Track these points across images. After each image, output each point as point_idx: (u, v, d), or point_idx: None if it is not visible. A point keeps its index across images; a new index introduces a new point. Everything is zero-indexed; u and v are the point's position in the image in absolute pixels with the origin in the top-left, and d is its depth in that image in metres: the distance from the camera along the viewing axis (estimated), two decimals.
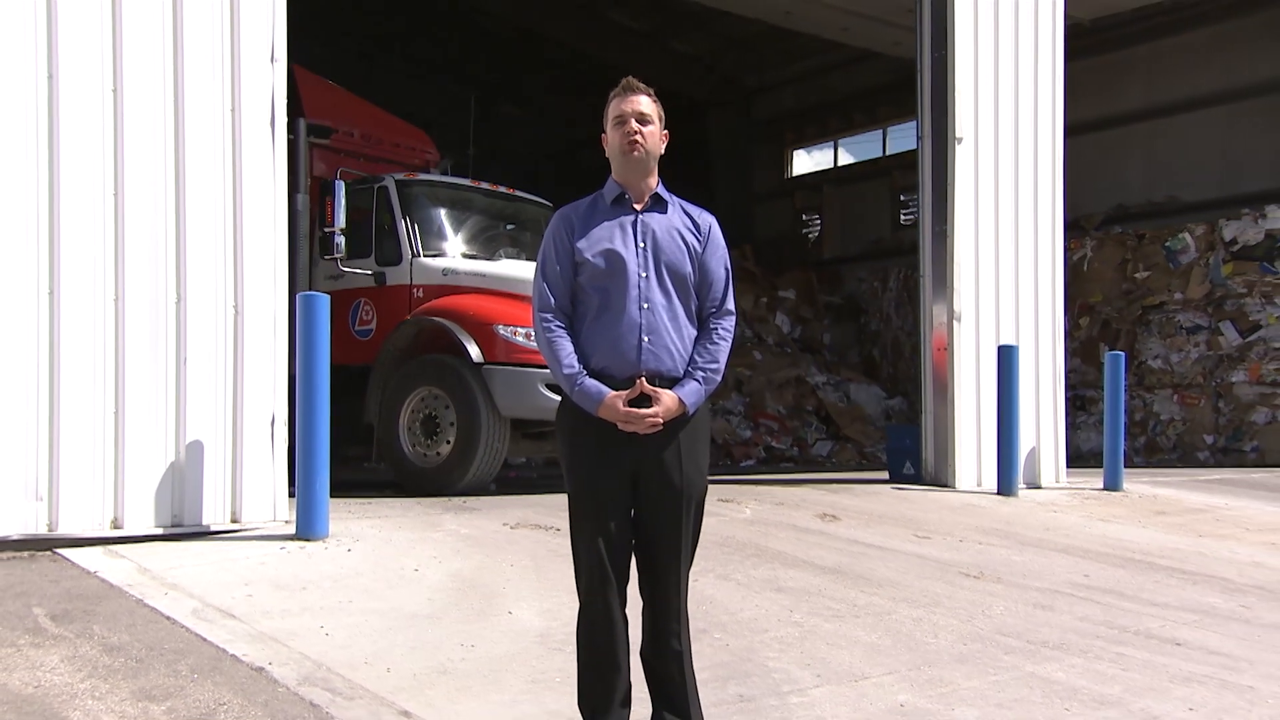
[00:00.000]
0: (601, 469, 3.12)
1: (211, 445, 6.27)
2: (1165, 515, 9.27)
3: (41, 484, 5.82)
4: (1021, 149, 10.62)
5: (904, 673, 4.49)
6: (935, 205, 10.32)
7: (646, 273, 3.15)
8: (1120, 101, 17.45)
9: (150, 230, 6.14)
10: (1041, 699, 4.25)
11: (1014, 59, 10.57)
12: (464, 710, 3.77)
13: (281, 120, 6.62)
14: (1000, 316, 10.39)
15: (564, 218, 3.27)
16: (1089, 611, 5.74)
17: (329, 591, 5.16)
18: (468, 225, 9.69)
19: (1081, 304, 16.93)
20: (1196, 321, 15.46)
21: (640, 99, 3.24)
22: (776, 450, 16.75)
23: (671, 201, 3.30)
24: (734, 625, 5.00)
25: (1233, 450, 14.99)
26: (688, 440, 3.15)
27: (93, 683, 3.86)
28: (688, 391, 3.12)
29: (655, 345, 3.12)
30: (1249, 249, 14.77)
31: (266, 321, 6.47)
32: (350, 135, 10.77)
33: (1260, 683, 4.66)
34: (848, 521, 7.85)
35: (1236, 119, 15.95)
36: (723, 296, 3.28)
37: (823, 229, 23.74)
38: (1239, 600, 6.26)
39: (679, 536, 3.16)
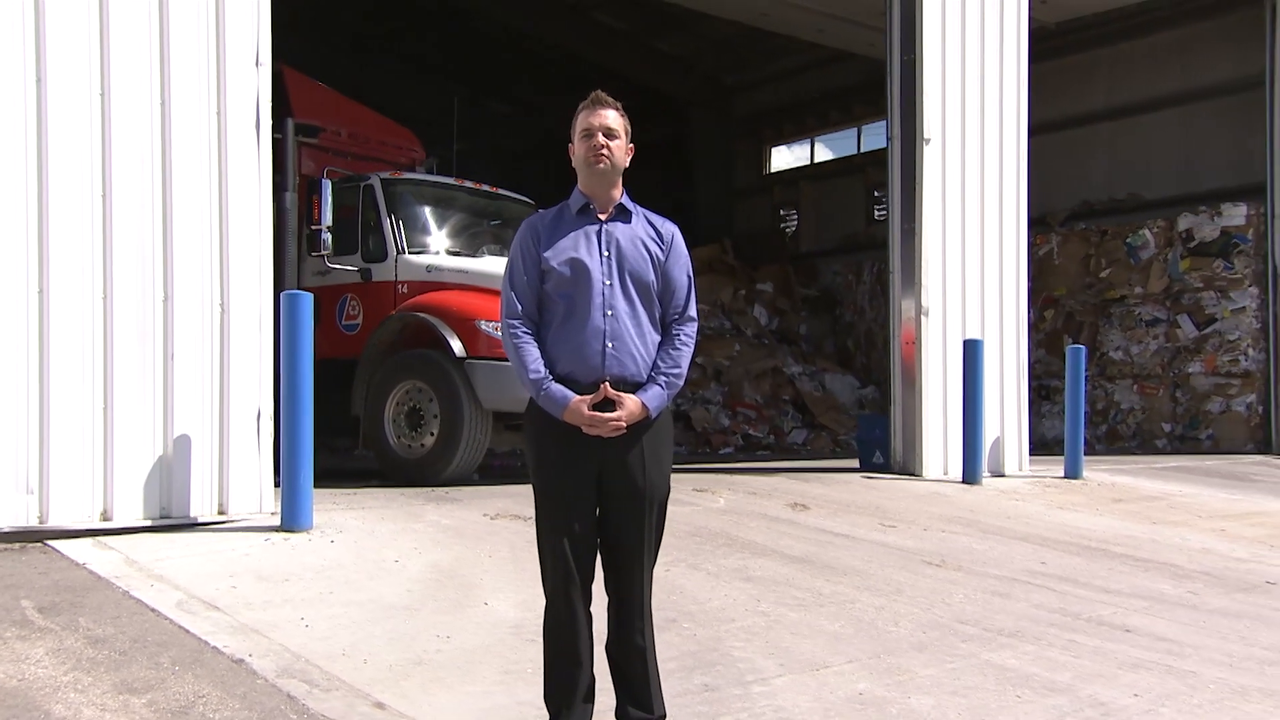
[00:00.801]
0: (567, 471, 3.11)
1: (199, 439, 6.23)
2: (1122, 503, 9.32)
3: (32, 477, 5.77)
4: (987, 149, 10.62)
5: (864, 661, 4.50)
6: (904, 204, 10.33)
7: (610, 281, 3.14)
8: (1084, 102, 17.49)
9: (138, 231, 6.09)
10: (995, 686, 4.27)
11: (980, 63, 10.56)
12: (437, 702, 3.76)
13: (266, 123, 6.55)
14: (966, 311, 10.40)
15: (531, 227, 3.24)
16: (1044, 599, 5.76)
17: (311, 583, 5.13)
18: (451, 223, 9.64)
19: (1046, 297, 16.99)
20: (1155, 315, 15.52)
21: (607, 113, 3.21)
22: (754, 438, 16.76)
23: (635, 211, 3.28)
24: (702, 615, 5.00)
25: (1189, 438, 15.07)
26: (651, 443, 3.15)
27: (76, 675, 3.83)
28: (650, 396, 3.11)
29: (619, 351, 3.11)
30: (1205, 245, 14.83)
31: (252, 319, 6.42)
32: (338, 134, 10.70)
33: (1203, 668, 4.69)
34: (817, 511, 7.86)
35: (1194, 120, 16.00)
36: (685, 303, 3.26)
37: (799, 224, 23.77)
38: (1187, 586, 6.30)
39: (642, 536, 3.15)
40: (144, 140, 6.13)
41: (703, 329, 19.44)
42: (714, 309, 20.13)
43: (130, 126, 6.08)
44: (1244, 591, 6.26)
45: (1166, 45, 16.57)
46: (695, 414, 17.16)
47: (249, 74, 6.50)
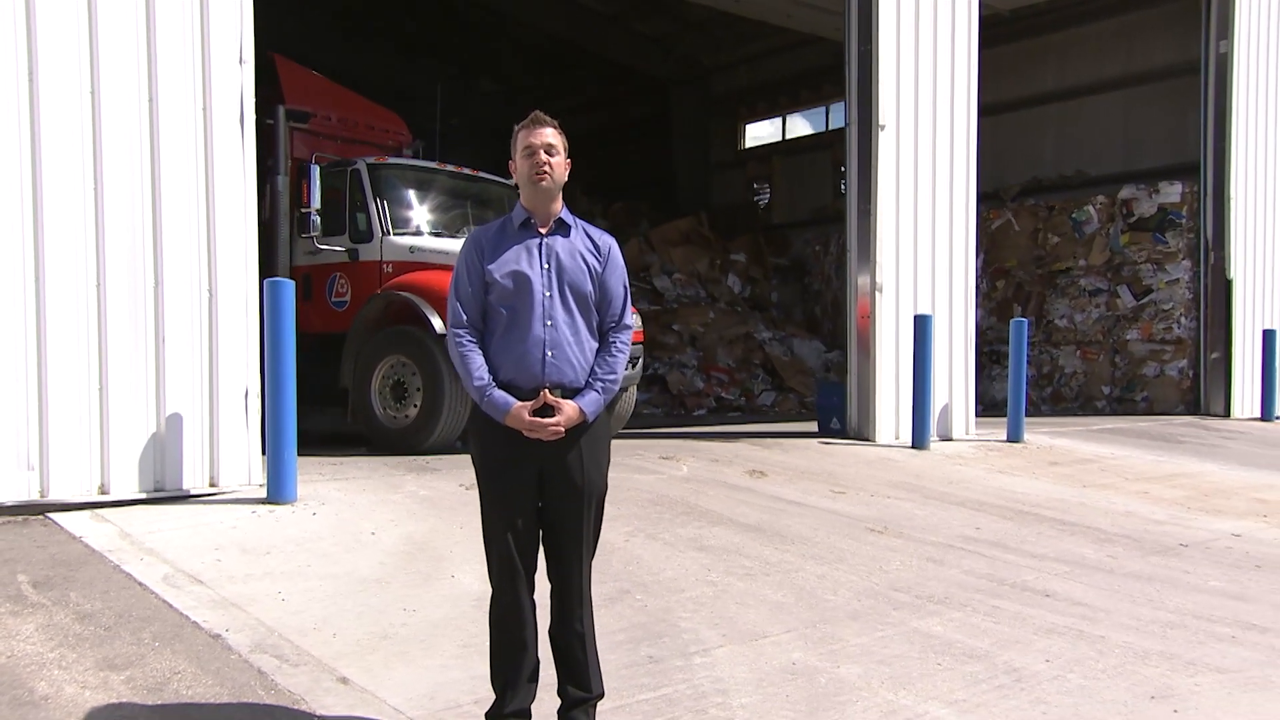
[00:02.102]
0: (510, 472, 3.09)
1: (190, 417, 6.21)
2: (1057, 466, 9.36)
3: (33, 454, 5.76)
4: (939, 135, 10.55)
5: (801, 630, 4.52)
6: (861, 186, 10.27)
7: (550, 292, 3.11)
8: (1036, 84, 17.45)
9: (129, 221, 6.02)
10: (919, 654, 4.29)
11: (933, 53, 10.46)
12: (398, 676, 3.77)
13: (250, 117, 6.45)
14: (918, 288, 10.39)
15: (475, 241, 3.20)
16: (975, 565, 5.79)
17: (291, 555, 5.13)
18: (434, 205, 9.54)
19: (998, 268, 17.00)
20: (1097, 285, 15.52)
21: (546, 131, 3.17)
22: (725, 400, 16.76)
23: (575, 225, 3.24)
24: (655, 585, 5.01)
25: (1126, 400, 15.15)
26: (589, 444, 3.13)
27: (61, 652, 3.83)
28: (587, 401, 3.10)
29: (558, 359, 3.08)
30: (1144, 221, 14.80)
31: (239, 303, 6.38)
32: (328, 119, 10.55)
33: (1112, 632, 4.72)
34: (774, 478, 7.87)
35: (1136, 102, 15.94)
36: (621, 312, 3.23)
37: (772, 196, 23.72)
38: (1107, 550, 6.33)
39: (581, 531, 3.15)
40: (133, 136, 6.05)
41: (679, 297, 19.47)
42: (690, 278, 20.09)
43: (119, 123, 6.00)
44: (1159, 554, 6.30)
45: (1112, 31, 16.47)
46: (671, 377, 17.15)
47: (233, 70, 6.39)
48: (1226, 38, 13.63)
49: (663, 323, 18.40)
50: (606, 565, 5.25)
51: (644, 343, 18.05)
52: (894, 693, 3.85)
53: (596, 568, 5.13)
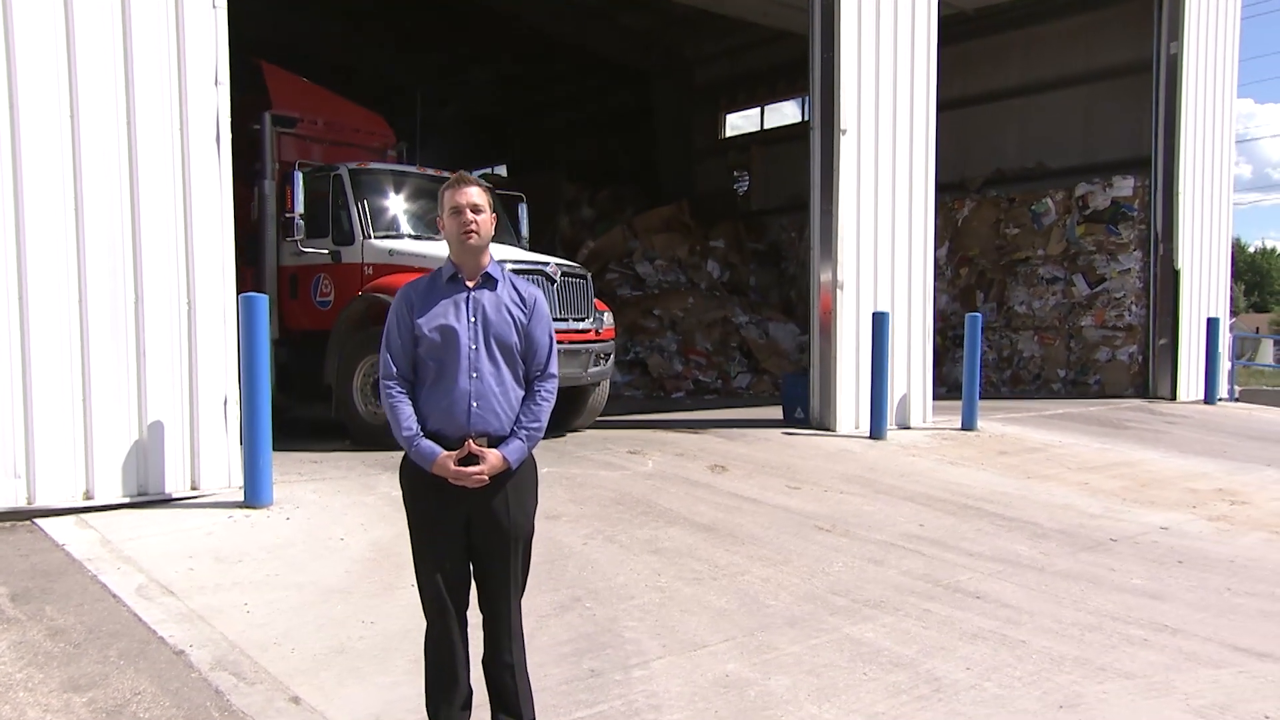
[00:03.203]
0: (438, 516, 3.09)
1: (171, 424, 6.20)
2: (1006, 455, 9.38)
3: (19, 463, 5.75)
4: (899, 139, 10.49)
5: (739, 639, 4.52)
6: (823, 188, 10.23)
7: (476, 345, 3.08)
8: (1001, 79, 17.31)
9: (109, 239, 5.98)
10: (847, 663, 4.30)
11: (893, 62, 10.38)
12: (348, 694, 3.77)
13: (226, 137, 6.38)
14: (878, 286, 10.37)
15: (405, 296, 3.18)
16: (913, 565, 5.79)
17: (261, 563, 5.13)
18: (413, 208, 9.46)
19: (962, 257, 17.00)
20: (1055, 274, 15.54)
21: (472, 190, 3.14)
22: (703, 383, 16.77)
23: (502, 279, 3.21)
24: (606, 592, 5.00)
25: (1080, 382, 15.20)
26: (514, 490, 3.12)
27: (29, 672, 3.83)
28: (511, 450, 3.08)
29: (483, 409, 3.06)
30: (1098, 213, 14.80)
31: (217, 315, 6.35)
32: (314, 123, 10.46)
33: (1033, 636, 4.73)
34: (734, 472, 7.88)
35: (1096, 98, 15.82)
36: (546, 361, 3.21)
37: (751, 184, 23.57)
38: (1041, 547, 6.34)
39: (508, 571, 3.15)
40: (112, 157, 6.00)
41: (660, 283, 19.41)
42: (671, 264, 20.02)
43: (99, 145, 5.94)
44: (1089, 550, 6.31)
45: (1072, 30, 16.33)
46: (651, 361, 17.14)
47: (209, 93, 6.32)
48: (1177, 39, 13.55)
49: (644, 308, 18.36)
50: (563, 571, 5.28)
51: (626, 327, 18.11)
52: (818, 705, 3.86)
53: (551, 574, 5.18)
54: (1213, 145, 14.16)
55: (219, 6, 6.33)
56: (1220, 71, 14.19)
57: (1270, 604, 5.41)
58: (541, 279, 8.66)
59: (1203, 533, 6.94)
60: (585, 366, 8.92)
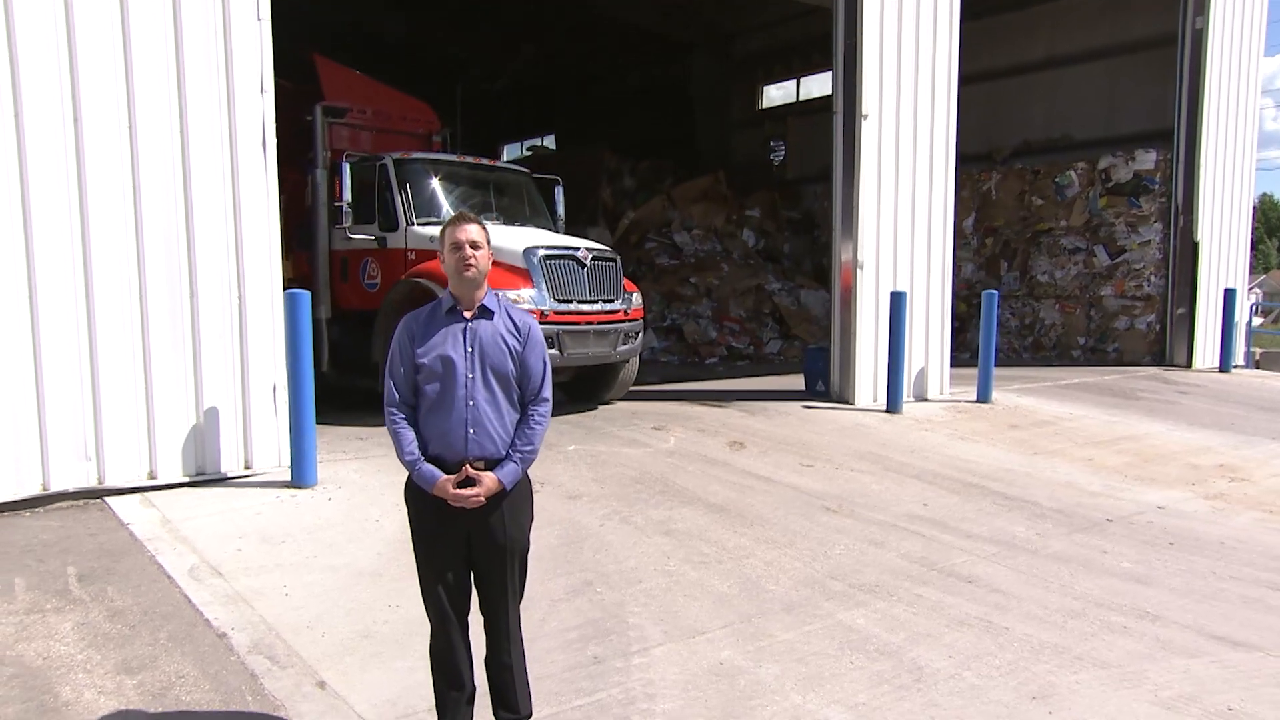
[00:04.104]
0: (439, 534, 3.17)
1: (225, 409, 6.38)
2: (1017, 429, 9.26)
3: (90, 447, 5.96)
4: (920, 124, 10.27)
5: (737, 625, 4.56)
6: (845, 171, 10.09)
7: (473, 374, 3.13)
8: (1028, 52, 16.83)
9: (165, 240, 6.12)
10: (836, 651, 4.32)
11: (914, 49, 10.13)
12: (370, 679, 3.90)
13: (271, 141, 6.46)
14: (897, 264, 10.24)
15: (407, 326, 3.23)
16: (912, 547, 5.78)
17: (301, 545, 5.28)
18: (453, 195, 9.50)
19: (988, 226, 16.66)
20: (1076, 244, 15.19)
21: (470, 228, 3.17)
22: (736, 349, 16.72)
23: (498, 309, 3.24)
24: (616, 576, 5.07)
25: (1099, 350, 14.90)
26: (510, 508, 3.18)
27: (89, 654, 4.01)
28: (506, 473, 3.14)
29: (479, 435, 3.12)
30: (1120, 186, 14.39)
31: (265, 308, 6.48)
32: (363, 112, 10.51)
33: (1017, 623, 4.71)
34: (751, 450, 7.88)
35: (1119, 72, 15.32)
36: (540, 386, 3.24)
37: (786, 154, 23.25)
38: (1038, 528, 6.28)
39: (506, 581, 3.22)
40: (167, 163, 6.11)
41: (696, 252, 19.30)
42: (708, 233, 19.88)
43: (155, 152, 6.07)
44: (1083, 531, 6.25)
45: (1099, 4, 15.79)
46: (687, 328, 17.12)
47: (255, 100, 6.39)
48: (1203, 14, 13.00)
49: (681, 276, 18.29)
50: (578, 554, 5.36)
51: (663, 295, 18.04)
52: (803, 695, 3.91)
53: (568, 557, 5.27)
54: (1235, 120, 13.63)
55: (263, 19, 6.38)
56: (1246, 46, 13.61)
57: (1253, 589, 5.33)
58: (572, 262, 8.69)
59: (1198, 512, 6.83)
60: (614, 345, 8.95)
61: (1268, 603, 5.14)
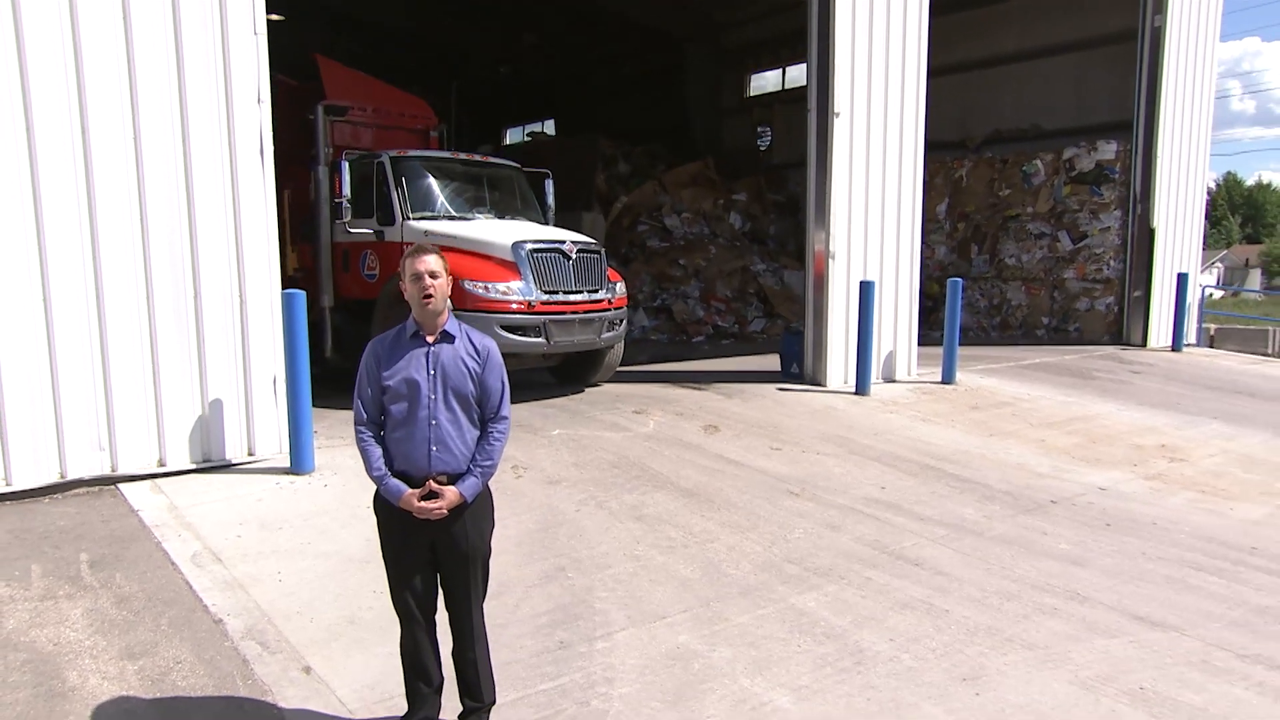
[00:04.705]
0: (405, 544, 3.24)
1: (229, 401, 6.44)
2: (977, 410, 9.32)
3: (103, 438, 6.03)
4: (889, 121, 10.23)
5: (696, 610, 4.63)
6: (819, 165, 10.07)
7: (435, 395, 3.19)
8: (1000, 45, 16.72)
9: (169, 244, 6.15)
10: (786, 635, 4.40)
11: (885, 51, 10.07)
12: (353, 664, 3.99)
13: (268, 149, 6.46)
14: (867, 255, 10.24)
15: (374, 350, 3.28)
16: (867, 531, 5.84)
17: (298, 531, 5.36)
18: (447, 191, 9.49)
19: (960, 212, 16.62)
20: (1042, 230, 15.18)
21: (429, 259, 3.21)
22: (722, 328, 16.75)
23: (459, 334, 3.29)
24: (588, 561, 5.15)
25: (1061, 329, 14.94)
26: (471, 518, 3.25)
27: (95, 640, 4.10)
28: (467, 486, 3.20)
29: (442, 452, 3.18)
30: (1083, 175, 14.37)
31: (265, 307, 6.52)
32: (364, 110, 10.47)
33: (956, 606, 4.78)
34: (725, 433, 7.94)
35: (1087, 65, 15.21)
36: (499, 405, 3.30)
37: (773, 139, 23.13)
38: (986, 510, 6.35)
39: (469, 586, 3.30)
40: (170, 171, 6.12)
41: (686, 235, 19.26)
42: (697, 216, 19.82)
43: (159, 161, 6.07)
44: (1028, 513, 6.32)
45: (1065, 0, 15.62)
46: (676, 307, 17.14)
47: (253, 110, 6.38)
48: (1161, 13, 12.88)
49: (670, 258, 18.28)
50: (554, 539, 5.44)
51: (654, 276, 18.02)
52: (751, 678, 4.00)
53: (544, 543, 5.34)
54: (1191, 113, 13.55)
55: (260, 33, 6.35)
56: (1201, 45, 13.50)
57: (1177, 570, 5.42)
58: (558, 255, 8.71)
59: (1136, 493, 6.91)
60: (599, 333, 9.00)
61: (1188, 583, 5.23)
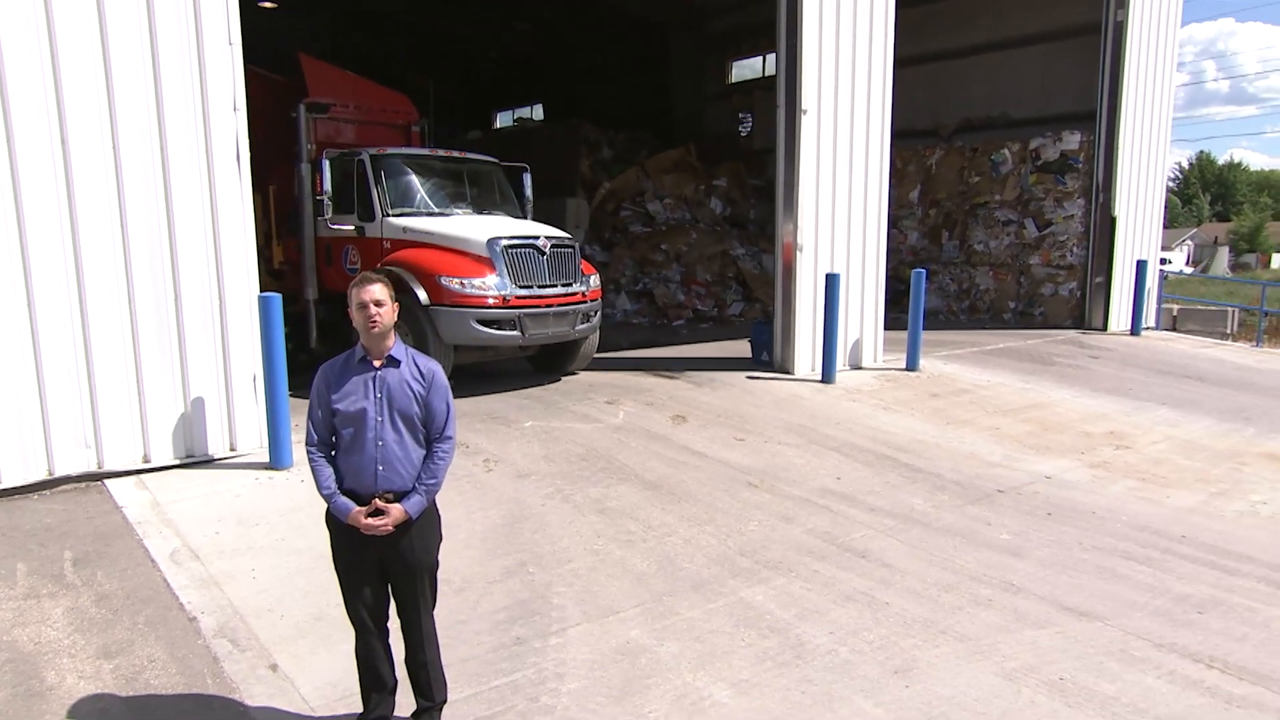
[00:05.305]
0: (355, 558, 3.32)
1: (210, 399, 6.49)
2: (937, 398, 9.40)
3: (89, 436, 6.09)
4: (856, 118, 10.22)
5: (648, 605, 4.71)
6: (787, 160, 10.07)
7: (381, 417, 3.25)
8: (971, 36, 16.62)
9: (149, 248, 6.17)
10: (732, 629, 4.48)
11: (851, 51, 10.03)
12: (318, 661, 4.08)
13: (244, 156, 6.46)
14: (834, 247, 10.27)
15: (324, 375, 3.34)
16: (819, 523, 5.91)
17: (273, 527, 5.43)
18: (426, 188, 9.48)
19: (931, 199, 16.63)
20: (1009, 217, 15.21)
21: (374, 288, 3.26)
22: (701, 312, 16.78)
23: (404, 358, 3.34)
24: (549, 556, 5.22)
25: (1027, 313, 15.03)
26: (417, 532, 3.33)
27: (74, 639, 4.18)
28: (412, 504, 3.27)
29: (389, 471, 3.25)
30: (1048, 164, 14.39)
31: (244, 308, 6.55)
32: (346, 107, 10.43)
33: (897, 598, 4.87)
34: (692, 423, 8.00)
35: (1054, 56, 15.16)
36: (443, 426, 3.36)
37: (754, 125, 23.05)
38: (935, 500, 6.43)
39: (417, 596, 3.39)
40: (149, 179, 6.14)
41: (668, 220, 19.23)
42: (678, 202, 19.78)
43: (137, 169, 6.08)
44: (975, 503, 6.41)
45: None
46: (658, 291, 17.16)
47: (229, 118, 6.38)
48: (1124, 7, 12.84)
49: (653, 243, 18.27)
50: (519, 534, 5.52)
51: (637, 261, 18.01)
52: (694, 673, 4.09)
53: (509, 537, 5.42)
54: (1152, 105, 13.56)
55: (234, 44, 6.33)
56: (1162, 39, 13.48)
57: (1109, 559, 5.53)
58: (533, 250, 8.73)
59: (1080, 482, 7.01)
60: (573, 325, 9.05)
61: (1118, 572, 5.35)
